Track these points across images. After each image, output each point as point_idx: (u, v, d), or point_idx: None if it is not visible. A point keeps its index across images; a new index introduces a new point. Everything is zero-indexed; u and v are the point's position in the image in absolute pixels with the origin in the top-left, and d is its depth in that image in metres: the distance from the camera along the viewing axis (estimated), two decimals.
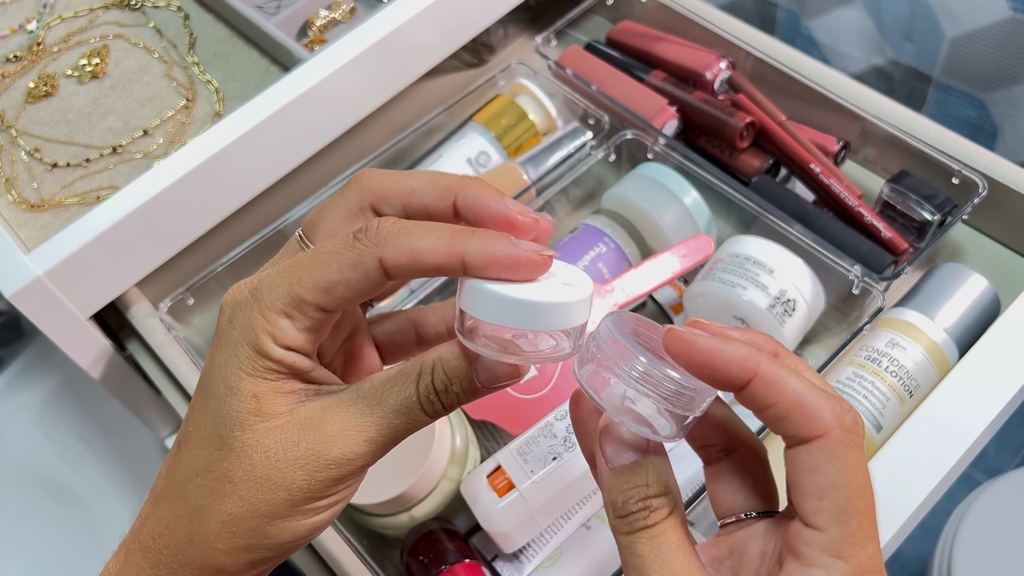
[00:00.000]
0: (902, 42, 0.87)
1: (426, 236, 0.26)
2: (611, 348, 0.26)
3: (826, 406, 0.25)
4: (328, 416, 0.27)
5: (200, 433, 0.27)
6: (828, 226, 0.55)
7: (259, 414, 0.27)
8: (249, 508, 0.27)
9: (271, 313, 0.26)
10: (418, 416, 0.27)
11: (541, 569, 0.47)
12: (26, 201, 0.60)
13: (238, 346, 0.27)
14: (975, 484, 0.99)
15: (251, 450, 0.27)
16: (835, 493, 0.25)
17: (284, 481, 0.26)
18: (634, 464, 0.27)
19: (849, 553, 0.25)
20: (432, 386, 0.27)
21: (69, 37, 0.68)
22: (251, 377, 0.27)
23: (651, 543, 0.26)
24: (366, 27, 0.60)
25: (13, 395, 0.88)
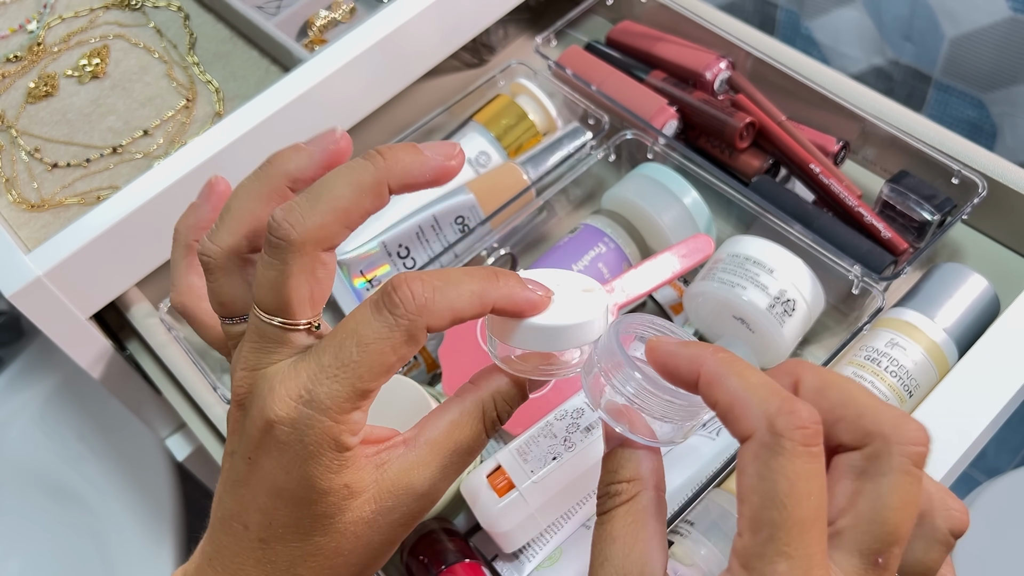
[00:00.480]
0: (902, 42, 0.87)
1: (459, 292, 0.27)
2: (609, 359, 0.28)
3: (758, 406, 0.24)
4: (415, 478, 0.28)
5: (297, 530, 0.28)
6: (828, 226, 0.55)
7: (353, 495, 0.28)
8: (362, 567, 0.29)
9: (342, 415, 0.27)
10: (485, 443, 0.30)
11: (541, 569, 0.47)
12: (26, 201, 0.60)
13: (319, 456, 0.27)
14: (975, 484, 0.99)
15: (355, 526, 0.28)
16: (751, 498, 0.23)
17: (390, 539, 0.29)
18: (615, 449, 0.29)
19: (754, 566, 0.23)
20: (498, 418, 0.30)
21: (69, 37, 0.68)
22: (339, 474, 0.27)
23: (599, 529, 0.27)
24: (366, 27, 0.60)
25: (13, 395, 0.88)
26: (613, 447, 0.29)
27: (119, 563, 0.81)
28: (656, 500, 0.27)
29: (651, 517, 0.27)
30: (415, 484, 0.28)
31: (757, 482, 0.23)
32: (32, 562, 0.84)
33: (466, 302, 0.27)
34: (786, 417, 0.23)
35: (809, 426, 0.23)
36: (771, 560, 0.23)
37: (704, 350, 0.26)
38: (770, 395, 0.24)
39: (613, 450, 0.29)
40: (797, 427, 0.23)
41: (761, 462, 0.23)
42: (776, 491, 0.23)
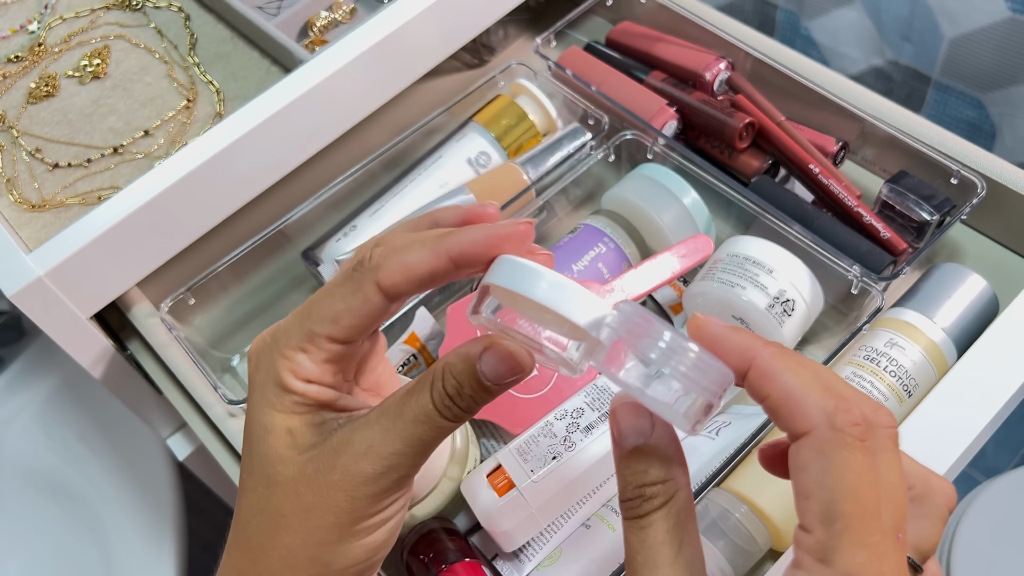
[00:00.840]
0: (901, 43, 0.87)
1: (412, 248, 0.28)
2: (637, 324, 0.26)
3: (816, 403, 0.25)
4: (355, 437, 0.28)
5: (250, 478, 0.29)
6: (827, 226, 0.55)
7: (295, 447, 0.28)
8: (304, 538, 0.28)
9: (289, 351, 0.28)
10: (439, 422, 0.28)
11: (541, 568, 0.47)
12: (27, 201, 0.60)
13: (266, 387, 0.28)
14: (974, 483, 1.00)
15: (295, 482, 0.28)
16: (820, 493, 0.24)
17: (328, 505, 0.28)
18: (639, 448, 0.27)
19: (833, 558, 0.24)
20: (444, 391, 0.28)
21: (70, 38, 0.69)
22: (281, 413, 0.28)
23: (640, 534, 0.26)
24: (367, 28, 0.60)
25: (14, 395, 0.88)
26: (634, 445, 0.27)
27: (119, 563, 0.81)
28: (689, 498, 0.27)
29: (688, 518, 0.26)
30: (354, 443, 0.28)
31: (824, 477, 0.24)
32: (32, 562, 0.85)
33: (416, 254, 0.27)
34: (845, 414, 0.24)
35: (862, 422, 0.25)
36: (850, 551, 0.24)
37: (756, 341, 0.26)
38: (825, 392, 0.25)
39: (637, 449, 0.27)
40: (854, 423, 0.24)
41: (826, 457, 0.24)
42: (845, 484, 0.24)
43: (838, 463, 0.24)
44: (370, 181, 0.63)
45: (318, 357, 0.28)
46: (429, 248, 0.27)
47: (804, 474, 0.25)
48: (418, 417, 0.28)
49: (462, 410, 0.28)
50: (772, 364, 0.26)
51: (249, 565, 0.29)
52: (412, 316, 0.56)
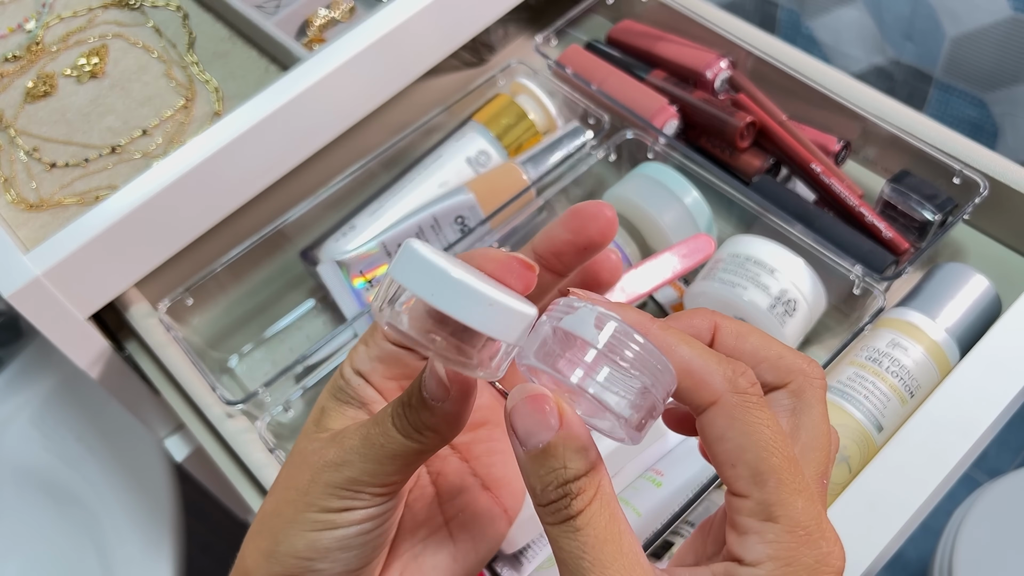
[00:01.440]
0: (903, 42, 0.86)
1: None
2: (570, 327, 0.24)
3: (716, 370, 0.25)
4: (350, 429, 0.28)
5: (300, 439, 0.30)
6: (829, 226, 0.54)
7: (318, 425, 0.29)
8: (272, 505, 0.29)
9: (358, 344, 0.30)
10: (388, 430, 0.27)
11: (541, 570, 0.47)
12: (25, 201, 0.59)
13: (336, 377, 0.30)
14: (976, 484, 0.99)
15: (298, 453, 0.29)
16: (745, 456, 0.24)
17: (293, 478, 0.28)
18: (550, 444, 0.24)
19: (778, 513, 0.24)
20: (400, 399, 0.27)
21: (68, 37, 0.68)
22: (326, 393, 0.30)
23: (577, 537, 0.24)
24: (365, 26, 0.60)
25: (12, 395, 0.88)
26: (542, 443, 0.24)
27: (118, 563, 0.80)
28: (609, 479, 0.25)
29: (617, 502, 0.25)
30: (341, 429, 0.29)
31: (744, 440, 0.24)
32: (31, 562, 0.84)
33: None
34: (743, 377, 0.25)
35: (757, 381, 0.25)
36: (790, 502, 0.24)
37: (643, 317, 0.25)
38: (721, 360, 0.25)
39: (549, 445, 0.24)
40: (753, 383, 0.25)
41: (740, 422, 0.24)
42: (766, 441, 0.24)
43: (754, 424, 0.24)
44: (369, 180, 0.63)
45: (372, 353, 0.29)
46: None
47: (724, 443, 0.25)
48: (377, 419, 0.28)
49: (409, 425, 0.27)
50: (663, 339, 0.25)
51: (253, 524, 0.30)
52: None
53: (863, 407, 0.48)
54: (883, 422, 0.48)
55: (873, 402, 0.48)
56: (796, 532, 0.24)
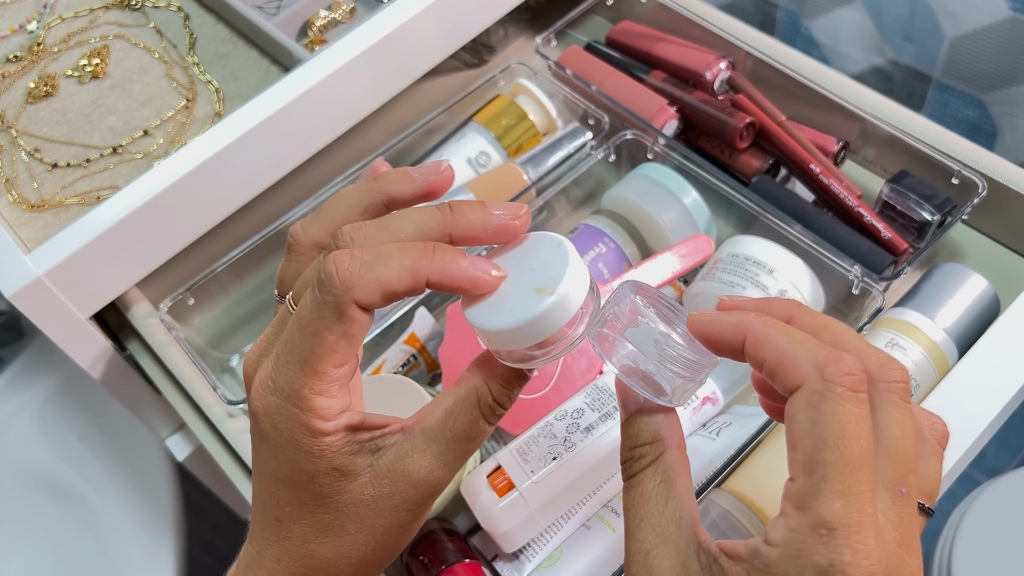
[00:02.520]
0: (902, 42, 0.87)
1: (390, 265, 0.27)
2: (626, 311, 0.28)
3: (807, 357, 0.25)
4: (409, 465, 0.29)
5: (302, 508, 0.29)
6: (828, 226, 0.55)
7: (345, 478, 0.29)
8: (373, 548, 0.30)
9: (304, 402, 0.28)
10: (486, 430, 0.30)
11: (541, 569, 0.47)
12: (26, 201, 0.60)
13: (297, 442, 0.28)
14: (975, 484, 0.99)
15: (355, 507, 0.29)
16: (804, 442, 0.25)
17: (395, 523, 0.30)
18: (633, 414, 0.29)
19: (809, 505, 0.24)
20: (495, 402, 0.29)
21: (69, 37, 0.68)
22: (322, 458, 0.28)
23: (631, 492, 0.28)
24: (366, 27, 0.60)
25: (13, 395, 0.88)
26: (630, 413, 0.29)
27: (119, 563, 0.81)
28: (679, 458, 0.28)
29: (678, 475, 0.28)
30: (411, 471, 0.29)
31: (810, 427, 0.24)
32: (32, 562, 0.84)
33: (396, 275, 0.27)
34: (835, 365, 0.25)
35: (856, 372, 0.25)
36: (826, 499, 0.24)
37: (747, 316, 0.28)
38: (817, 347, 0.26)
39: (631, 416, 0.29)
40: (845, 373, 0.25)
41: (813, 408, 0.25)
42: (829, 433, 0.24)
43: (825, 413, 0.24)
44: None
45: (332, 391, 0.28)
46: (409, 271, 0.27)
47: (794, 424, 0.25)
48: (469, 435, 0.29)
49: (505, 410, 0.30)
50: (763, 331, 0.27)
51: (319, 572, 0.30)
52: (412, 316, 0.56)
53: None
54: None
55: None
56: (818, 528, 0.23)
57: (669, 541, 0.26)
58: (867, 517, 0.23)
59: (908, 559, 0.25)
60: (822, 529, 0.23)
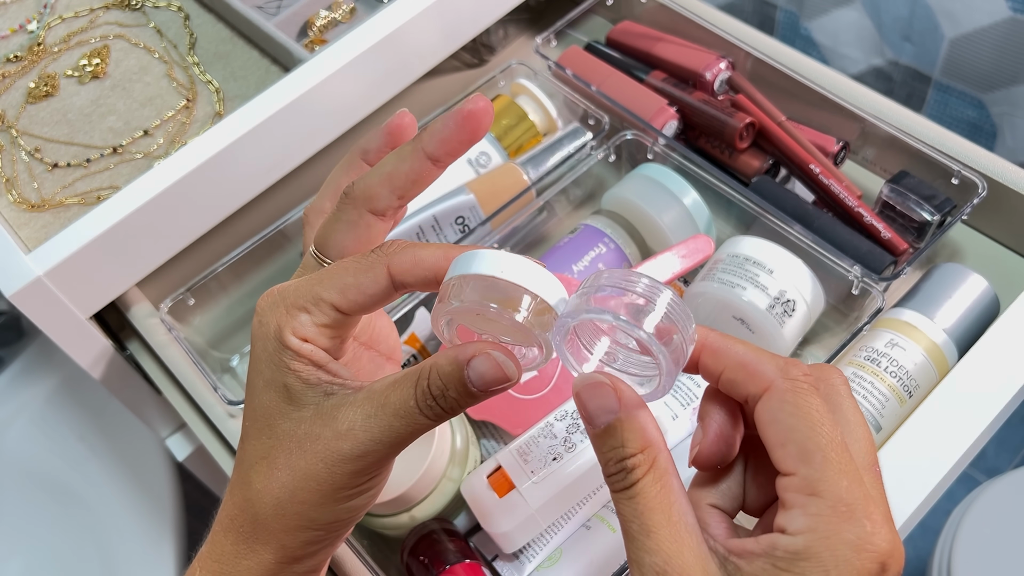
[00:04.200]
0: (901, 43, 0.87)
1: (428, 248, 0.30)
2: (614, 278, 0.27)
3: (769, 362, 0.27)
4: (340, 413, 0.29)
5: (254, 425, 0.31)
6: (828, 226, 0.55)
7: (291, 403, 0.30)
8: (290, 494, 0.30)
9: (293, 309, 0.30)
10: (417, 419, 0.29)
11: (541, 569, 0.47)
12: (27, 201, 0.60)
13: (267, 341, 0.30)
14: (975, 484, 1.00)
15: (288, 438, 0.30)
16: (793, 435, 0.26)
17: (311, 472, 0.29)
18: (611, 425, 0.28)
19: (821, 489, 0.25)
20: (428, 391, 0.28)
21: (69, 37, 0.69)
22: (279, 369, 0.30)
23: (630, 504, 0.27)
24: (366, 27, 0.60)
25: (14, 395, 0.88)
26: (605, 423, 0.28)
27: (119, 563, 0.81)
28: (669, 456, 0.28)
29: (673, 475, 0.28)
30: (339, 419, 0.29)
31: (794, 421, 0.26)
32: (32, 562, 0.84)
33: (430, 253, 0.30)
34: (794, 367, 0.27)
35: (810, 372, 0.27)
36: (835, 480, 0.25)
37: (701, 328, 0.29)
38: (773, 355, 0.28)
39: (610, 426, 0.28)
40: (804, 373, 0.27)
41: (790, 404, 0.26)
42: (814, 422, 0.26)
43: (803, 406, 0.26)
44: None
45: (318, 320, 0.30)
46: (442, 251, 0.29)
47: (775, 425, 0.27)
48: (398, 411, 0.29)
49: (444, 411, 0.29)
50: (720, 342, 0.28)
51: (249, 506, 0.31)
52: (412, 316, 0.56)
53: (862, 407, 0.48)
54: (882, 422, 0.48)
55: (872, 402, 0.48)
56: (838, 507, 0.25)
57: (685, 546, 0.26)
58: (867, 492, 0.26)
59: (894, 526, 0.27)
60: (842, 507, 0.25)
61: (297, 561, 0.31)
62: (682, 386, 0.51)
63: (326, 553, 0.32)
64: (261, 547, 0.31)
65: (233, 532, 0.31)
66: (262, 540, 0.30)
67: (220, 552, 0.31)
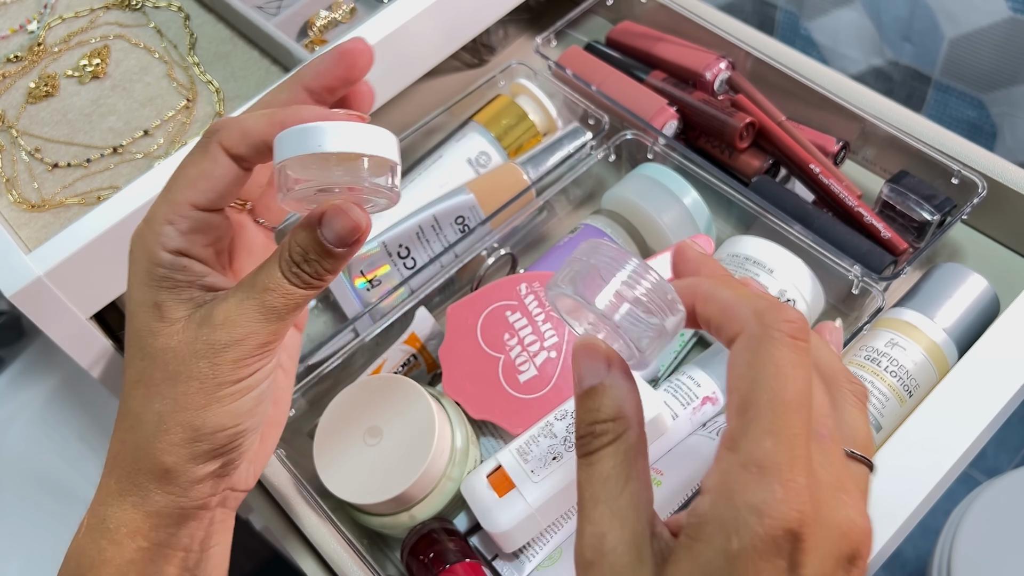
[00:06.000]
0: (901, 43, 0.87)
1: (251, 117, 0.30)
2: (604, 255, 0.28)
3: (747, 305, 0.26)
4: (215, 309, 0.30)
5: (130, 351, 0.31)
6: (828, 226, 0.55)
7: (163, 319, 0.30)
8: (171, 403, 0.30)
9: (156, 225, 0.31)
10: (288, 289, 0.30)
11: (541, 568, 0.47)
12: (27, 201, 0.60)
13: (138, 263, 0.31)
14: (975, 484, 1.00)
15: (162, 352, 0.30)
16: (739, 384, 0.25)
17: (192, 372, 0.30)
18: (593, 387, 0.27)
19: (739, 446, 0.24)
20: (291, 259, 0.30)
21: (70, 37, 0.69)
22: (150, 287, 0.31)
23: (588, 470, 0.27)
24: (366, 27, 0.60)
25: (14, 395, 0.88)
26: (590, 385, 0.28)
27: None
28: (640, 437, 0.27)
29: (638, 455, 0.27)
30: (214, 314, 0.30)
31: (745, 369, 0.25)
32: (32, 562, 0.84)
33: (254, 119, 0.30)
34: (774, 312, 0.25)
35: (796, 321, 0.25)
36: (756, 438, 0.23)
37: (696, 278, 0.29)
38: (759, 297, 0.26)
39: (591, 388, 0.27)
40: (785, 320, 0.25)
41: (750, 351, 0.25)
42: (763, 375, 0.24)
43: (761, 355, 0.24)
44: None
45: (183, 226, 0.30)
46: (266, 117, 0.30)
47: (732, 369, 0.25)
48: (267, 286, 0.30)
49: (310, 276, 0.30)
50: (710, 288, 0.28)
51: (129, 435, 0.31)
52: (412, 316, 0.56)
53: None
54: (882, 422, 0.48)
55: (872, 402, 0.48)
56: (748, 467, 0.23)
57: (626, 525, 0.25)
58: (799, 458, 0.23)
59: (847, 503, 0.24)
60: (752, 467, 0.23)
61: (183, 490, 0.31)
62: (682, 386, 0.51)
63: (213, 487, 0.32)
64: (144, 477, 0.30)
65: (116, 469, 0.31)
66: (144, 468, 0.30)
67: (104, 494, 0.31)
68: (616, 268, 0.27)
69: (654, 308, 0.27)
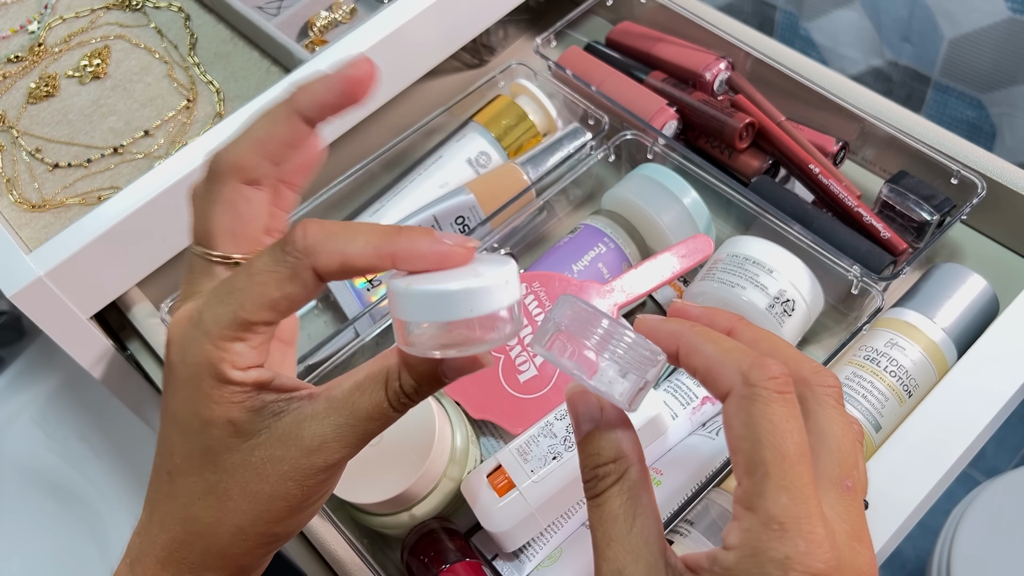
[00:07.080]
0: (901, 43, 0.87)
1: (355, 240, 0.27)
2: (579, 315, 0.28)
3: (732, 364, 0.27)
4: (305, 431, 0.28)
5: (191, 463, 0.29)
6: (827, 226, 0.55)
7: (239, 435, 0.28)
8: (253, 518, 0.29)
9: (223, 342, 0.27)
10: (391, 416, 0.29)
11: (541, 568, 0.47)
12: (27, 201, 0.60)
13: (200, 381, 0.28)
14: (974, 483, 1.00)
15: (242, 469, 0.28)
16: (742, 445, 0.26)
17: (279, 492, 0.28)
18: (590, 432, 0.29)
19: (757, 504, 0.25)
20: (401, 391, 0.29)
21: (70, 38, 0.69)
22: (220, 406, 0.28)
23: (597, 511, 0.28)
24: (367, 28, 0.60)
25: (14, 395, 0.88)
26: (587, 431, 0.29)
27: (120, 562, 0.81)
28: (642, 473, 0.29)
29: (642, 490, 0.28)
30: (304, 437, 0.28)
31: (744, 430, 0.26)
32: (32, 562, 0.84)
33: (359, 248, 0.27)
34: (758, 370, 0.26)
35: (779, 376, 0.26)
36: (772, 496, 0.25)
37: (682, 325, 0.29)
38: (743, 354, 0.27)
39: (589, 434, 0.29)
40: (769, 377, 0.26)
41: (744, 412, 0.26)
42: (762, 433, 0.25)
43: (755, 415, 0.26)
44: (370, 181, 0.63)
45: (254, 343, 0.28)
46: (373, 247, 0.27)
47: (730, 431, 0.26)
48: (372, 415, 0.28)
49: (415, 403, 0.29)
50: (694, 340, 0.28)
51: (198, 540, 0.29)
52: None
53: (861, 407, 0.48)
54: (881, 421, 0.48)
55: (871, 401, 0.48)
56: (770, 525, 0.24)
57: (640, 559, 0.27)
58: (812, 509, 0.25)
59: (861, 551, 0.26)
60: (774, 525, 0.24)
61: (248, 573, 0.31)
62: (682, 386, 0.51)
63: None
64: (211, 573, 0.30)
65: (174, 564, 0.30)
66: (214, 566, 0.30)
67: None
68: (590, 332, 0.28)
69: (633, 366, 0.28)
